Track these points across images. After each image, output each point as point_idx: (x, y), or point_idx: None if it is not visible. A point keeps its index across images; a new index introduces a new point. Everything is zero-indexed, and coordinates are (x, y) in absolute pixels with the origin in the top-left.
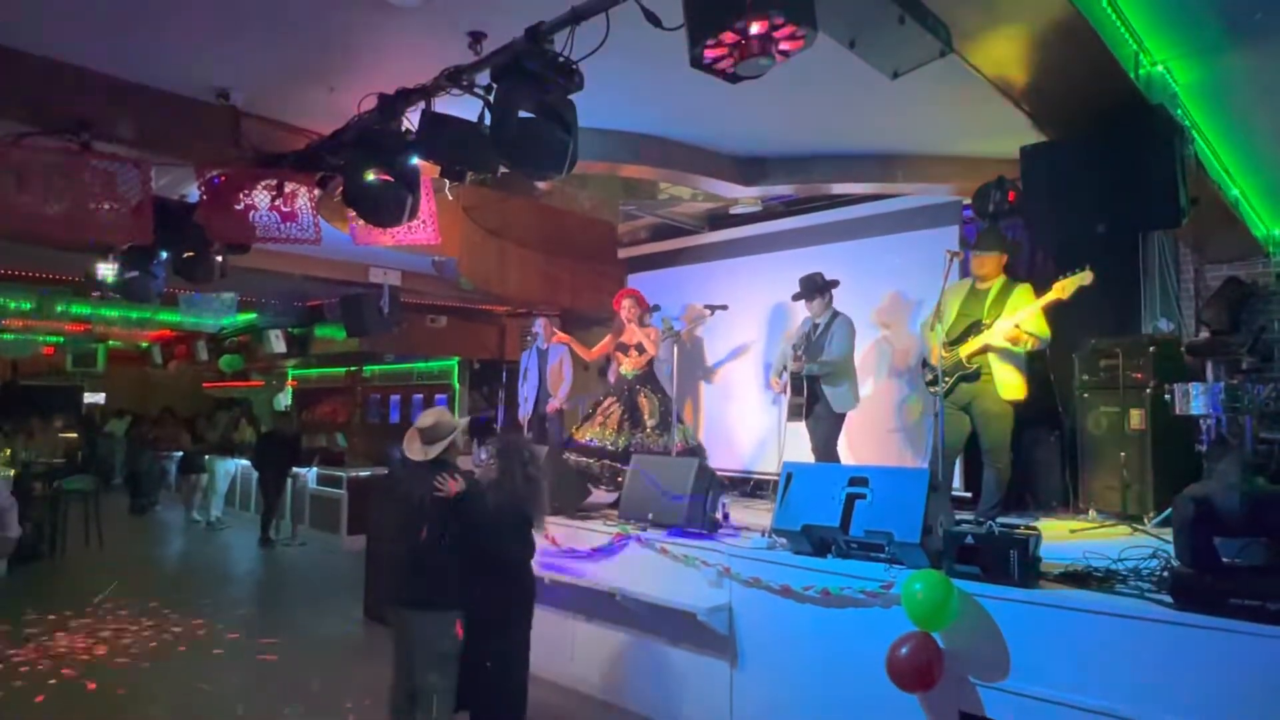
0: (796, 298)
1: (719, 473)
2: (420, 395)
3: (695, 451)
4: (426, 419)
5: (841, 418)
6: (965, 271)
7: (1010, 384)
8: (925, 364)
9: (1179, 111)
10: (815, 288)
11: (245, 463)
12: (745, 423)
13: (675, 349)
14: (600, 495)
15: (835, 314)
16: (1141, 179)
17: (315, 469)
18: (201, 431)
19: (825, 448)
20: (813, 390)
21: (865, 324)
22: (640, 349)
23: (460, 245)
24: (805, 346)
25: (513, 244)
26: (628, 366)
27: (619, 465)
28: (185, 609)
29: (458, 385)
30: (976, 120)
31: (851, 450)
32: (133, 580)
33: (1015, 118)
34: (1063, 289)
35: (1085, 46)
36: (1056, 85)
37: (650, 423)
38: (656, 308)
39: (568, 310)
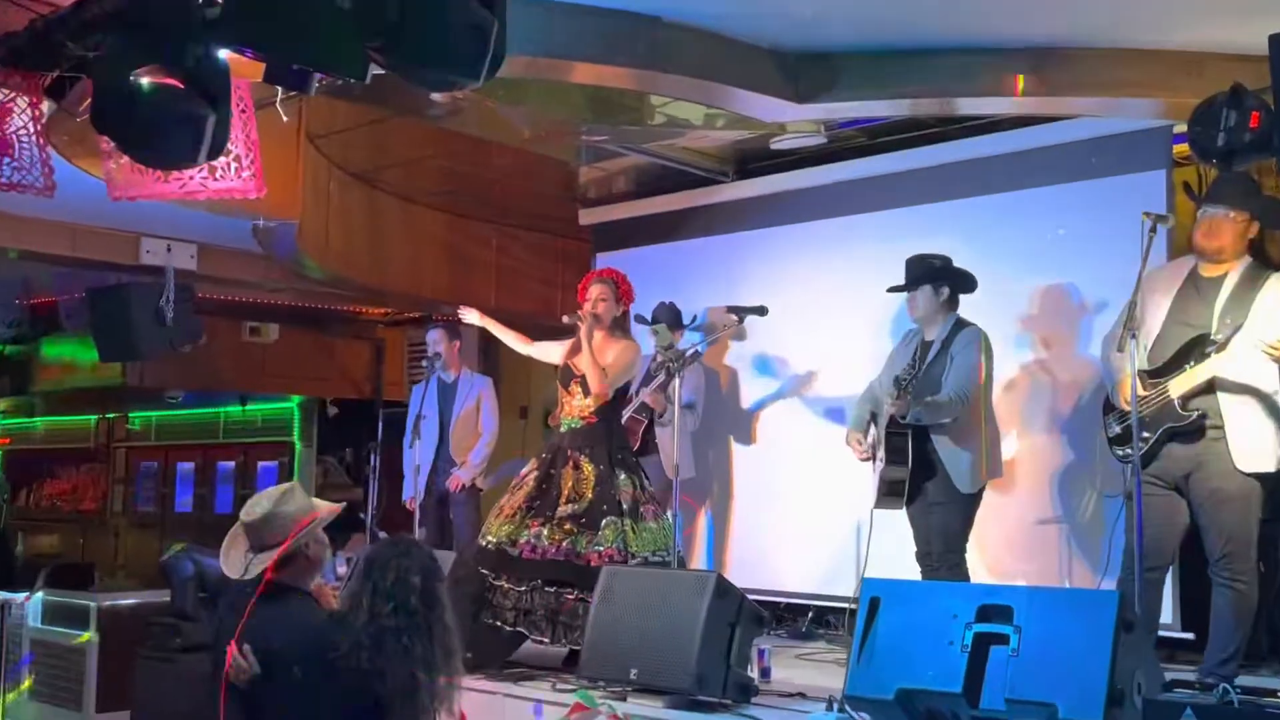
0: (896, 290)
1: (754, 598)
2: (230, 463)
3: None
4: (257, 505)
5: (972, 501)
6: (1181, 249)
7: (1257, 445)
8: (1110, 408)
9: None
10: (930, 275)
11: None
12: (801, 513)
13: (680, 384)
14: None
15: (959, 324)
16: None
17: (40, 594)
18: None
19: (944, 552)
20: (922, 453)
21: (1007, 339)
22: (585, 385)
23: (303, 200)
24: (910, 377)
25: (395, 199)
26: (567, 411)
27: (505, 584)
28: None
29: (299, 445)
30: None
31: (980, 555)
32: None
33: None
34: None
35: None
36: None
37: (566, 510)
38: (691, 322)
39: (492, 312)
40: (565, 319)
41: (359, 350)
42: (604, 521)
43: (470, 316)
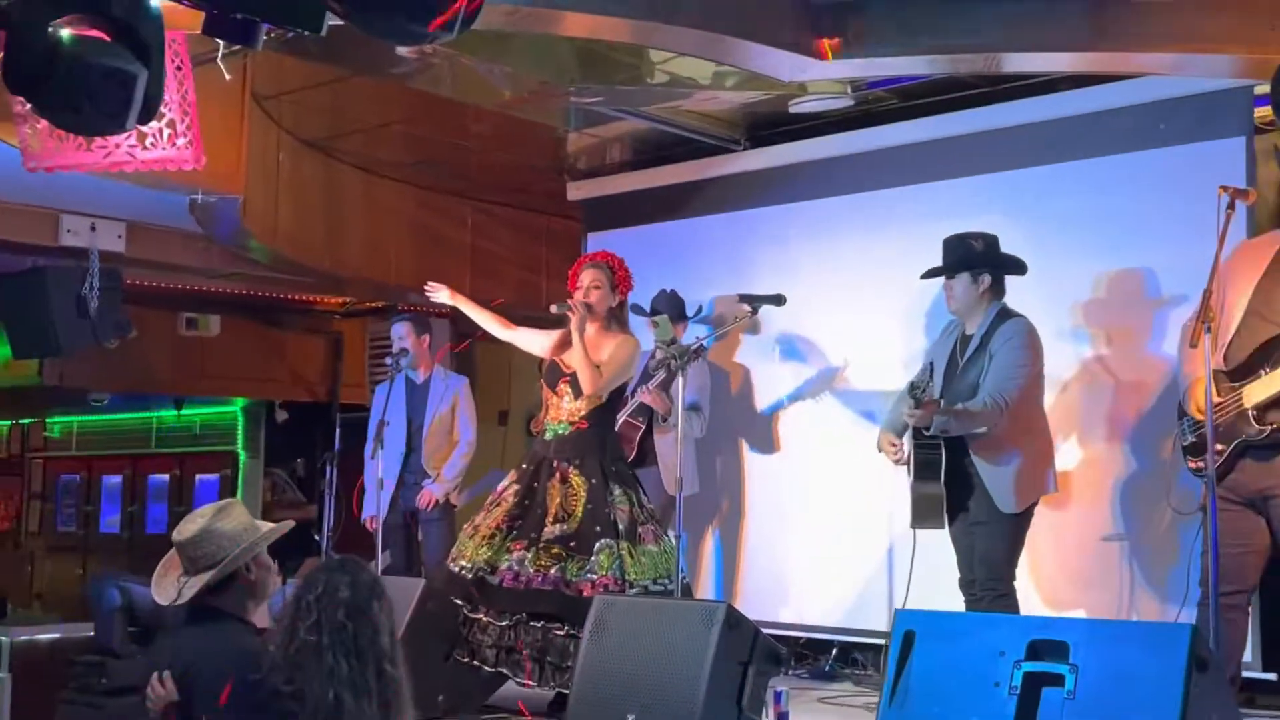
0: (930, 276)
1: (770, 632)
2: (164, 476)
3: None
4: (190, 523)
5: (1019, 521)
6: (1264, 229)
7: None
8: (1183, 414)
9: None
10: (969, 260)
11: None
12: (825, 533)
13: (684, 384)
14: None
15: (1003, 315)
16: None
17: None
18: None
19: (987, 579)
20: (959, 466)
21: (1062, 333)
22: (575, 385)
23: (248, 172)
24: (925, 383)
25: (355, 170)
26: (554, 415)
27: (484, 617)
28: None
29: (244, 455)
30: None
31: (1032, 582)
32: None
33: None
34: None
35: None
36: None
37: (553, 531)
38: (695, 313)
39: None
40: (553, 308)
41: (313, 346)
42: (597, 545)
43: (440, 295)
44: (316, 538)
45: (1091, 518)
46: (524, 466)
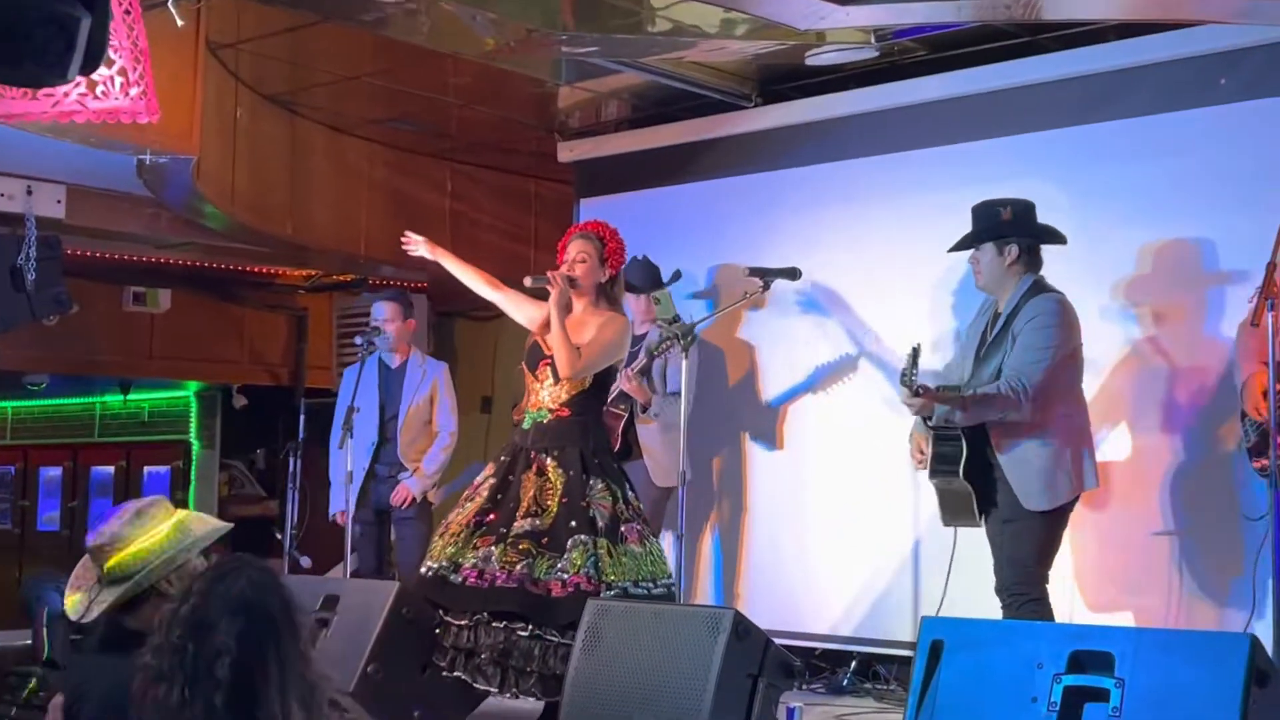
0: (962, 247)
1: (781, 642)
2: (108, 469)
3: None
4: (106, 526)
5: (1049, 520)
6: None
7: None
8: (1243, 416)
9: None
10: (995, 229)
11: None
12: (841, 532)
13: (687, 364)
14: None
15: (1033, 290)
16: None
17: None
18: None
19: (1015, 584)
20: (983, 461)
21: (1107, 311)
22: (555, 369)
23: (202, 129)
24: (911, 370)
25: (322, 128)
26: (533, 402)
27: (450, 619)
28: None
29: (197, 445)
30: None
31: (1076, 586)
32: None
33: None
34: None
35: None
36: None
37: (523, 525)
38: (672, 278)
39: (445, 276)
40: (527, 281)
41: (274, 324)
42: (570, 541)
43: (419, 250)
44: (278, 536)
45: (1140, 515)
46: (501, 458)
